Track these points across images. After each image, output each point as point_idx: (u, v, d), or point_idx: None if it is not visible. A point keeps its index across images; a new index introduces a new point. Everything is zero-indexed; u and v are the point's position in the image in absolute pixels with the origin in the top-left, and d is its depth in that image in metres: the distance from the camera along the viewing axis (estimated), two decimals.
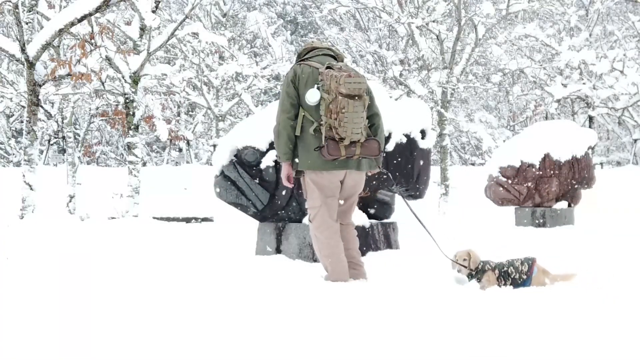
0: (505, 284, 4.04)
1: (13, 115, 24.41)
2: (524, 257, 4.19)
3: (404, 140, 6.15)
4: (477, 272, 4.06)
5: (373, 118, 4.28)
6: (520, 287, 4.03)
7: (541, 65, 20.69)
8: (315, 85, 4.06)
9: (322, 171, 4.15)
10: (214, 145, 21.86)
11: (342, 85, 3.96)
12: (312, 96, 4.03)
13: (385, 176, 5.56)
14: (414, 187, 6.33)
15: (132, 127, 12.59)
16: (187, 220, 12.75)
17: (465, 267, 4.06)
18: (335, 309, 3.22)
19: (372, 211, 6.18)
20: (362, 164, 4.26)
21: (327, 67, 4.13)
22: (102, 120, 22.50)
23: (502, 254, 4.64)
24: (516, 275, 4.05)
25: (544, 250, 6.05)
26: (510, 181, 9.64)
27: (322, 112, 4.04)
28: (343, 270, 4.25)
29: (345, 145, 4.04)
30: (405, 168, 6.17)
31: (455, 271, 4.17)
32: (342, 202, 4.37)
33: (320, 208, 4.21)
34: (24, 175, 10.40)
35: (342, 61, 4.34)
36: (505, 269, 4.05)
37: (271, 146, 5.61)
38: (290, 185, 4.31)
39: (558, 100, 20.33)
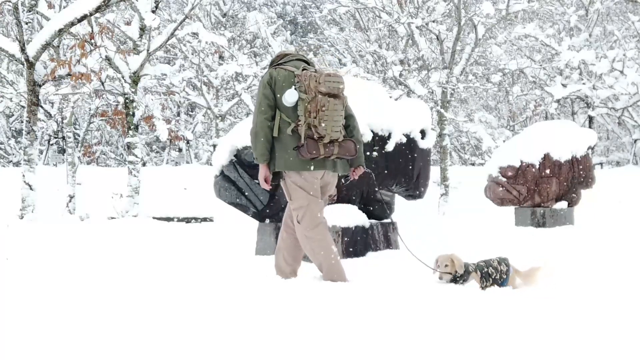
0: (487, 285, 4.03)
1: (13, 115, 24.41)
2: (497, 257, 4.19)
3: (404, 140, 6.15)
4: (461, 276, 4.00)
5: (348, 119, 4.33)
6: (499, 287, 4.05)
7: (541, 65, 20.69)
8: (293, 86, 4.10)
9: (301, 171, 4.16)
10: (214, 145, 21.86)
11: (322, 84, 4.03)
12: (290, 96, 4.07)
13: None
14: (414, 187, 6.33)
15: (132, 127, 12.60)
16: (187, 220, 12.75)
17: (449, 273, 3.99)
18: (335, 309, 3.22)
19: (372, 211, 6.18)
20: (337, 165, 4.29)
21: (303, 69, 4.20)
22: (102, 120, 22.49)
23: (502, 254, 4.62)
24: (496, 275, 4.06)
25: (544, 250, 6.06)
26: (510, 181, 9.63)
27: (301, 112, 4.08)
28: (339, 268, 4.24)
29: (325, 143, 4.07)
30: (405, 168, 6.17)
31: (437, 278, 4.06)
32: None
33: (308, 207, 4.21)
34: (23, 175, 10.40)
35: (314, 67, 4.39)
36: (485, 270, 4.05)
37: None
38: (268, 188, 4.32)
39: (558, 100, 20.33)
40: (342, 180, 5.58)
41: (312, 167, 4.16)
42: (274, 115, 4.16)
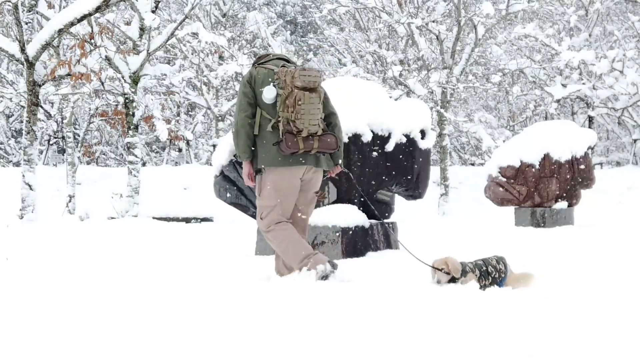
0: (486, 284, 4.03)
1: (13, 115, 24.41)
2: (494, 256, 4.20)
3: (404, 140, 6.16)
4: (459, 277, 3.98)
5: (330, 117, 4.36)
6: (498, 285, 4.05)
7: (541, 65, 20.69)
8: (271, 83, 4.15)
9: (282, 167, 4.18)
10: (214, 145, 21.85)
11: (297, 78, 4.07)
12: (268, 93, 4.12)
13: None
14: (414, 187, 6.33)
15: (131, 127, 12.60)
16: (187, 220, 12.75)
17: (447, 273, 3.97)
18: (334, 309, 3.22)
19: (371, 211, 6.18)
20: (320, 161, 4.30)
21: (282, 67, 4.26)
22: (101, 120, 22.48)
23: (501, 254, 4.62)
24: (495, 274, 4.07)
25: (544, 251, 6.06)
26: (510, 181, 9.64)
27: (279, 107, 4.12)
28: (303, 246, 4.23)
29: (303, 137, 4.10)
30: (405, 168, 6.18)
31: (435, 281, 4.04)
32: (300, 206, 4.39)
33: (275, 208, 4.24)
34: (23, 175, 10.39)
35: (295, 65, 4.42)
36: (484, 268, 4.05)
37: None
38: (252, 184, 4.34)
39: (558, 101, 20.34)
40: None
41: (293, 164, 4.18)
42: (255, 113, 4.21)
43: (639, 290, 3.91)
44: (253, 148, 4.24)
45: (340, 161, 4.46)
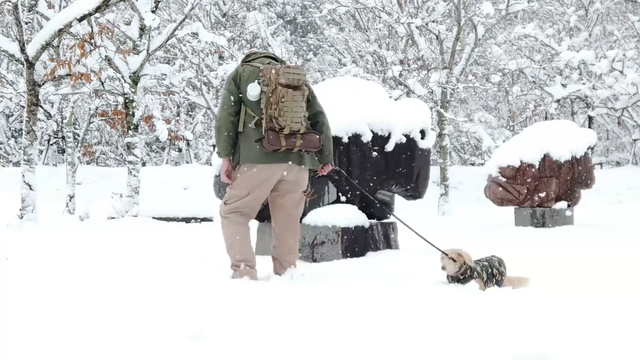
0: (491, 286, 4.04)
1: (13, 115, 24.40)
2: (495, 257, 4.20)
3: (404, 140, 6.16)
4: (465, 278, 3.98)
5: (318, 116, 4.38)
6: (498, 286, 4.06)
7: (541, 65, 20.68)
8: (256, 80, 4.16)
9: (264, 164, 4.19)
10: (214, 145, 21.81)
11: (281, 75, 4.10)
12: (252, 90, 4.14)
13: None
14: (414, 187, 6.34)
15: (131, 127, 12.59)
16: (187, 220, 12.75)
17: (454, 260, 3.96)
18: (334, 309, 3.23)
19: (371, 211, 6.18)
20: (304, 159, 4.31)
21: (267, 64, 4.28)
22: (101, 120, 22.45)
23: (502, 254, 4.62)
24: (499, 276, 4.09)
25: (544, 251, 6.06)
26: (510, 181, 9.63)
27: (263, 105, 4.14)
28: (249, 251, 4.36)
29: (285, 135, 4.11)
30: (405, 168, 6.18)
31: (441, 268, 4.04)
32: (286, 205, 4.42)
33: (243, 199, 4.29)
34: (23, 175, 10.38)
35: (283, 63, 4.45)
36: (490, 270, 4.06)
37: None
38: (229, 182, 4.36)
39: (558, 101, 20.33)
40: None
41: (275, 161, 4.20)
42: (239, 111, 4.23)
43: (639, 290, 3.91)
44: (235, 145, 4.26)
45: (330, 159, 4.46)
